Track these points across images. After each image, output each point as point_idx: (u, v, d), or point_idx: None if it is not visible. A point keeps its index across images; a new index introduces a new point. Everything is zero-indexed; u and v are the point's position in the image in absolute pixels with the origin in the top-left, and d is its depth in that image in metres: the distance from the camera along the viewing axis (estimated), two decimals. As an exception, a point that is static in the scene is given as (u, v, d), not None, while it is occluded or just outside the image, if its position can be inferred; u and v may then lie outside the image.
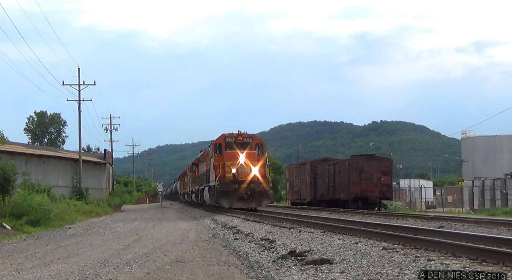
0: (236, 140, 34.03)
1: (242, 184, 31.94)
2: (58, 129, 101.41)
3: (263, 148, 35.10)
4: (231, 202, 32.16)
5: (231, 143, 33.98)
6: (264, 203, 33.12)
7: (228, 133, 34.66)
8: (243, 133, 34.60)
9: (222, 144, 34.33)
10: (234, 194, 32.03)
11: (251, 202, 32.44)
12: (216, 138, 35.08)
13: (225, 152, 33.51)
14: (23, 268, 10.93)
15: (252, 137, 34.88)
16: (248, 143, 34.01)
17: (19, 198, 24.79)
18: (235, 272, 9.69)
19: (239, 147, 33.44)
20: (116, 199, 56.12)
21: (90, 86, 52.19)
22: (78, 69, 50.66)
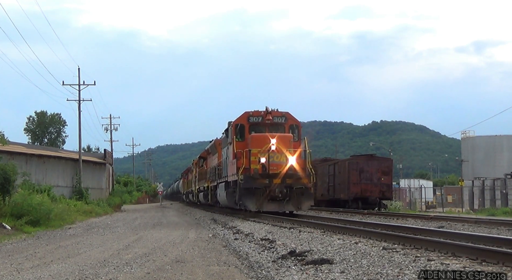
0: (264, 120, 26.19)
1: (275, 179, 23.93)
2: (58, 129, 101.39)
3: (300, 130, 26.82)
4: (260, 203, 24.07)
5: (258, 124, 26.22)
6: (305, 204, 24.74)
7: (253, 111, 26.64)
8: (273, 111, 26.52)
9: (245, 126, 26.27)
10: (263, 193, 24.03)
11: (288, 203, 24.24)
12: (236, 118, 26.81)
13: (249, 136, 25.54)
14: (23, 268, 10.93)
15: (285, 116, 26.62)
16: (280, 124, 26.31)
17: (19, 198, 24.79)
18: (235, 272, 9.69)
19: (268, 129, 25.87)
20: (116, 199, 56.12)
21: (90, 86, 52.21)
22: (78, 69, 50.70)
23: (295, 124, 26.59)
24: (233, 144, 26.32)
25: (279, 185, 23.95)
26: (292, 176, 24.06)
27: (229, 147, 27.70)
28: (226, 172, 28.89)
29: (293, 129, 26.36)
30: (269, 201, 24.09)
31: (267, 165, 24.11)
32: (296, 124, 26.67)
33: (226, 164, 28.91)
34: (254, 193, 24.04)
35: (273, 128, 25.82)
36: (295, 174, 24.08)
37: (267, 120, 26.08)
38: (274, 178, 23.90)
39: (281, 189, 24.00)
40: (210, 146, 39.45)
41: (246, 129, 26.25)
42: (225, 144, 29.77)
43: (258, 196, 24.00)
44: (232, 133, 26.65)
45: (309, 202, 24.96)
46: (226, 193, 28.27)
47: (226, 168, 28.83)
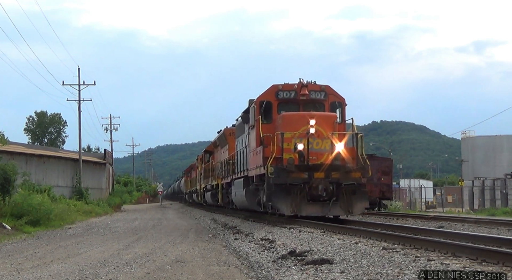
0: (297, 95, 20.41)
1: (317, 172, 18.30)
2: (58, 129, 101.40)
3: (345, 109, 20.85)
4: (296, 205, 18.15)
5: (289, 101, 20.63)
6: (358, 207, 18.68)
7: (282, 84, 20.79)
8: (310, 83, 20.74)
9: (273, 103, 20.56)
10: (301, 191, 18.20)
11: (334, 205, 18.35)
12: (261, 93, 20.91)
13: (280, 116, 19.89)
14: (23, 268, 10.93)
15: (325, 90, 20.74)
16: (318, 102, 20.66)
17: (19, 198, 24.79)
18: (235, 272, 9.69)
19: (302, 107, 20.36)
20: (116, 199, 56.12)
21: (90, 86, 52.21)
22: (78, 69, 50.70)
23: (337, 101, 20.74)
24: (257, 127, 20.24)
25: (323, 180, 18.21)
26: (339, 168, 18.52)
27: (250, 133, 21.78)
28: (244, 165, 23.29)
29: (335, 107, 20.72)
30: (309, 202, 18.18)
31: (306, 153, 18.39)
32: (339, 101, 20.83)
33: (244, 156, 23.40)
34: (289, 192, 18.07)
35: (309, 107, 20.28)
36: (343, 165, 18.57)
37: (302, 96, 20.31)
38: (315, 171, 18.22)
39: (326, 186, 18.21)
40: (218, 138, 34.23)
41: (274, 108, 20.59)
42: (240, 131, 25.02)
43: (294, 196, 18.04)
44: (256, 112, 20.54)
45: (363, 204, 18.86)
46: (246, 191, 22.54)
47: (244, 160, 23.28)
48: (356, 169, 18.65)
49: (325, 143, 18.90)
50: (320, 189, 18.23)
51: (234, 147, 27.35)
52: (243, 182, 23.19)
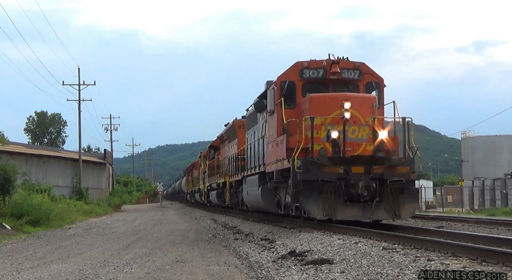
0: (327, 74, 17.17)
1: (355, 166, 15.18)
2: (58, 129, 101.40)
3: (383, 92, 17.55)
4: (331, 207, 14.85)
5: (316, 82, 17.41)
6: (408, 209, 15.42)
7: (308, 61, 17.47)
8: (342, 60, 17.43)
9: (297, 84, 17.33)
10: (336, 189, 14.97)
11: (378, 207, 15.03)
12: (282, 72, 17.59)
13: (307, 98, 16.66)
14: (23, 268, 10.93)
15: (360, 68, 17.40)
16: (352, 82, 17.41)
17: (19, 198, 24.79)
18: (235, 272, 9.69)
19: (332, 88, 17.23)
20: (116, 199, 56.12)
21: (90, 86, 52.16)
22: (78, 69, 50.67)
23: (374, 82, 17.46)
24: (278, 112, 17.08)
25: (363, 176, 14.97)
26: (383, 161, 15.44)
27: (268, 121, 18.63)
28: (259, 159, 20.39)
29: (371, 89, 17.46)
30: (346, 203, 14.97)
31: (341, 143, 15.36)
32: (377, 81, 17.54)
33: (258, 149, 20.56)
34: (321, 190, 14.84)
35: (340, 88, 17.08)
36: (388, 158, 15.62)
37: (332, 75, 17.04)
38: (353, 165, 15.11)
39: (367, 183, 14.90)
40: (225, 131, 31.02)
41: (297, 90, 17.35)
42: (252, 122, 22.43)
43: (327, 195, 14.81)
44: (277, 94, 17.31)
45: (413, 205, 15.58)
46: (262, 190, 19.40)
47: (259, 154, 20.34)
48: (404, 162, 15.57)
49: (362, 130, 15.84)
50: (360, 187, 14.83)
51: (244, 140, 24.62)
52: (258, 180, 20.08)
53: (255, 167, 21.02)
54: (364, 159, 15.39)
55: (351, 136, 15.63)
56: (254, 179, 21.11)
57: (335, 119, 15.78)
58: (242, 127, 26.36)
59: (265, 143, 19.38)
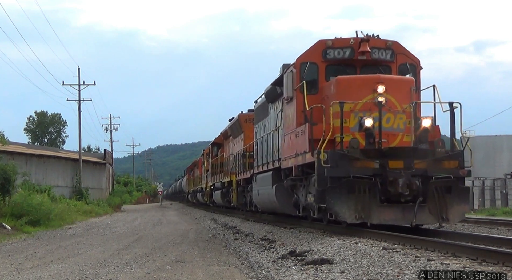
0: (354, 54, 15.01)
1: (392, 160, 13.09)
2: (58, 129, 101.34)
3: (419, 75, 15.40)
4: (365, 208, 12.79)
5: (344, 62, 15.25)
6: (457, 211, 13.27)
7: (333, 39, 15.32)
8: (372, 38, 15.23)
9: (319, 66, 15.25)
10: (372, 188, 12.90)
11: (422, 209, 12.89)
12: (303, 53, 15.44)
13: (332, 82, 14.58)
14: (23, 268, 10.93)
15: (393, 48, 15.26)
16: (384, 63, 15.24)
17: (19, 198, 24.79)
18: (235, 272, 9.69)
19: (360, 70, 15.07)
20: (116, 199, 56.13)
21: (90, 86, 52.14)
22: (78, 69, 50.65)
23: (409, 64, 15.29)
24: (298, 98, 15.01)
25: (403, 172, 12.85)
26: (426, 154, 13.38)
27: (285, 109, 16.49)
28: (271, 155, 18.38)
29: (406, 72, 15.24)
30: (383, 203, 12.86)
31: (375, 133, 13.24)
32: (412, 63, 15.36)
33: (271, 143, 18.60)
34: (352, 188, 12.75)
35: (370, 70, 14.86)
36: (432, 150, 13.50)
37: (361, 55, 14.89)
38: (390, 159, 12.99)
39: (408, 180, 12.76)
40: (230, 126, 29.15)
41: (320, 72, 15.26)
42: (262, 114, 20.70)
43: (360, 195, 12.72)
44: (296, 78, 15.23)
45: (462, 207, 13.42)
46: (277, 189, 17.37)
47: (272, 149, 18.43)
48: (452, 155, 13.48)
49: (399, 119, 13.68)
50: (400, 185, 12.67)
51: (251, 136, 23.17)
52: (272, 177, 17.95)
53: (268, 163, 18.93)
54: (404, 151, 13.23)
55: (386, 126, 13.41)
56: (266, 176, 18.87)
57: (366, 105, 13.62)
58: (249, 121, 24.90)
59: (280, 136, 17.25)
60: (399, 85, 14.18)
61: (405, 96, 13.97)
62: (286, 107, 16.38)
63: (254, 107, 22.71)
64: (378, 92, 13.55)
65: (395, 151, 13.28)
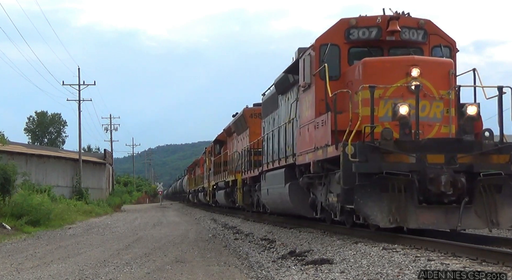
0: (382, 33, 13.36)
1: (432, 154, 11.39)
2: (58, 129, 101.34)
3: (455, 57, 13.61)
4: (401, 210, 11.03)
5: (369, 44, 13.65)
6: (509, 214, 11.34)
7: (357, 18, 13.76)
8: (401, 15, 13.56)
9: (341, 48, 13.65)
10: (409, 186, 11.12)
11: (468, 211, 11.14)
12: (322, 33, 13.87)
13: (358, 65, 12.95)
14: (23, 268, 10.93)
15: (425, 27, 13.62)
16: (415, 44, 13.59)
17: (19, 198, 24.79)
18: (235, 272, 9.69)
19: (388, 52, 13.53)
20: (116, 199, 56.15)
21: (90, 86, 52.25)
22: (78, 69, 50.72)
23: (443, 45, 13.63)
24: (317, 85, 13.48)
25: (445, 167, 11.14)
26: (471, 146, 11.62)
27: (301, 99, 14.93)
28: (286, 150, 16.82)
29: (439, 54, 13.56)
30: (422, 204, 11.19)
31: (412, 122, 11.58)
32: (447, 44, 13.72)
33: (283, 138, 17.21)
34: (385, 187, 11.07)
35: (399, 53, 13.39)
36: (479, 142, 11.76)
37: (390, 35, 13.27)
38: (429, 152, 11.35)
39: (452, 177, 11.05)
40: (234, 122, 27.99)
41: (342, 55, 13.63)
42: (271, 107, 19.52)
43: (394, 194, 11.03)
44: (315, 62, 13.64)
45: None
46: (291, 188, 15.90)
47: (286, 143, 16.87)
48: (502, 148, 11.65)
49: (435, 107, 12.18)
50: (443, 183, 10.94)
51: (258, 131, 22.22)
52: (285, 175, 16.45)
53: (280, 159, 17.40)
54: (445, 143, 11.58)
55: (420, 115, 11.76)
56: (278, 174, 17.36)
57: (398, 91, 12.04)
58: (254, 116, 23.75)
59: (294, 128, 15.76)
60: (436, 68, 12.55)
61: (443, 81, 12.37)
62: (302, 96, 14.72)
63: (262, 100, 21.41)
64: (412, 76, 11.99)
65: (435, 143, 11.55)
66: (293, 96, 16.42)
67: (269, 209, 20.68)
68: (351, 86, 12.78)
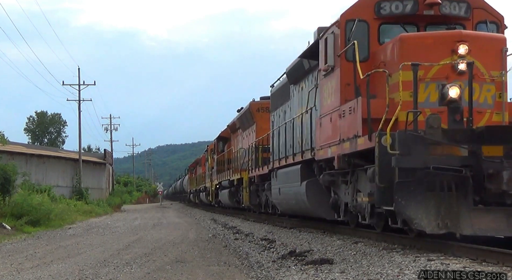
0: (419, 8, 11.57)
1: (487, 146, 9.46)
2: (58, 129, 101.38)
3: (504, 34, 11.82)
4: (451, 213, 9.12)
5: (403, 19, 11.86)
6: None
7: None
8: None
9: (370, 24, 11.97)
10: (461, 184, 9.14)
11: None
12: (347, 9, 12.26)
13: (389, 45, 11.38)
14: (23, 268, 10.93)
15: (467, 1, 11.76)
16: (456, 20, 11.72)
17: (19, 198, 24.81)
18: (235, 272, 9.69)
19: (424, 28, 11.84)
20: (116, 199, 56.18)
21: (90, 86, 52.33)
22: (78, 69, 50.76)
23: (489, 21, 11.90)
24: (344, 67, 11.88)
25: (506, 162, 9.34)
26: None
27: (322, 84, 13.19)
28: (301, 144, 15.28)
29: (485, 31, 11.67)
30: (478, 206, 9.54)
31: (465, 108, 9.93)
32: (494, 20, 12.01)
33: (301, 128, 15.33)
34: (433, 185, 9.29)
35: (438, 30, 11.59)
36: None
37: (428, 9, 11.57)
38: (485, 143, 9.59)
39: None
40: (239, 117, 26.52)
41: (372, 33, 11.98)
42: (281, 99, 18.09)
43: (443, 195, 9.25)
44: (340, 40, 12.05)
45: None
46: (308, 187, 14.30)
47: (301, 136, 15.31)
48: None
49: (486, 91, 10.50)
50: (505, 180, 9.15)
51: (265, 126, 20.97)
52: (301, 172, 14.87)
53: (294, 155, 15.71)
54: (505, 132, 9.74)
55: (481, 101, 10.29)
56: (292, 172, 15.73)
57: (442, 72, 10.25)
58: (262, 110, 22.52)
59: (313, 119, 13.97)
60: (487, 45, 10.66)
61: (495, 60, 10.61)
62: (324, 81, 12.96)
63: (270, 92, 19.96)
64: (458, 53, 10.19)
65: (493, 132, 9.59)
66: (308, 84, 14.77)
67: (280, 210, 19.08)
68: (384, 68, 11.03)
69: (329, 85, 12.67)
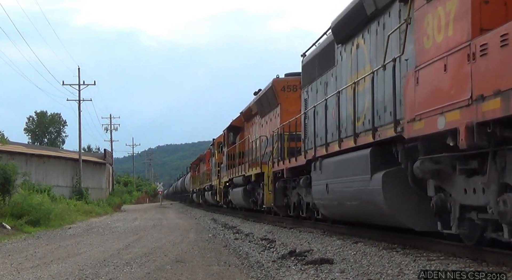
0: None
1: None
2: (58, 129, 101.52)
3: None
4: None
5: None
6: None
7: None
8: None
9: None
10: None
11: None
12: None
13: None
14: (23, 268, 10.93)
15: None
16: None
17: (19, 198, 24.82)
18: (235, 272, 9.69)
19: None
20: (116, 199, 56.20)
21: (90, 86, 52.49)
22: (78, 69, 50.79)
23: None
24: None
25: None
26: None
27: (419, 16, 8.50)
28: (375, 116, 10.74)
29: None
30: None
31: None
32: None
33: (371, 95, 10.63)
34: None
35: None
36: None
37: None
38: None
39: None
40: (258, 99, 22.49)
41: None
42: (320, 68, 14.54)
43: None
44: None
45: None
46: (385, 180, 9.95)
47: (373, 106, 10.74)
48: None
49: None
50: None
51: (294, 108, 17.54)
52: (371, 159, 10.54)
53: (356, 135, 11.42)
54: None
55: None
56: (353, 159, 11.44)
57: None
58: (289, 88, 19.05)
59: (400, 74, 9.52)
60: None
61: None
62: (427, 9, 8.32)
63: (302, 62, 16.20)
64: None
65: None
66: (380, 30, 10.82)
67: (326, 215, 14.70)
68: None
69: (441, 11, 7.97)
